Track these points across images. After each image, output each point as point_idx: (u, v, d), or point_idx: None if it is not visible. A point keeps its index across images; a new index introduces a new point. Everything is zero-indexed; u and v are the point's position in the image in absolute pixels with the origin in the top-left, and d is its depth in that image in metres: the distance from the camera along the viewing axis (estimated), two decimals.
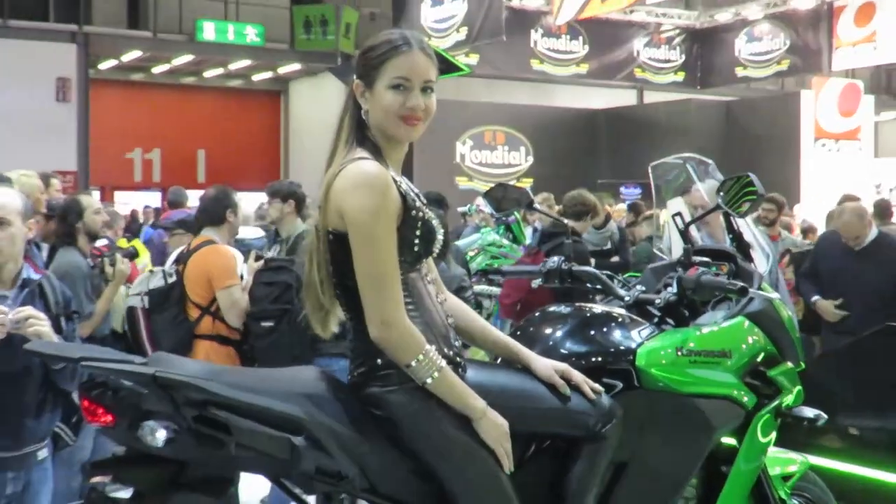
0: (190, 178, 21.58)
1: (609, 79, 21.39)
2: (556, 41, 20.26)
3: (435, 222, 2.51)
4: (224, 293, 5.13)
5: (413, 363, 2.39)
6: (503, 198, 3.47)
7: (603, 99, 21.85)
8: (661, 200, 3.92)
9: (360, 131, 2.52)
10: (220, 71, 22.53)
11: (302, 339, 4.76)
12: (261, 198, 7.89)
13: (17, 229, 3.30)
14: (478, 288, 7.58)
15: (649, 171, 3.87)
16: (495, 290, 8.04)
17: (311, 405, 2.32)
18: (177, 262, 5.40)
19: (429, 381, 2.40)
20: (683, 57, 21.96)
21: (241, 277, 5.20)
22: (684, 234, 3.42)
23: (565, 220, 6.11)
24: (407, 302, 2.44)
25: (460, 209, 9.34)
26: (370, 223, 2.36)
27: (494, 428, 2.43)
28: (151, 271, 5.36)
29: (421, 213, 2.47)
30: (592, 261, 6.50)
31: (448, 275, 5.39)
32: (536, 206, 3.53)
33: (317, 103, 21.85)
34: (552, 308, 3.10)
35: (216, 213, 5.34)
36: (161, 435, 2.22)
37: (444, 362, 2.43)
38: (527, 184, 18.81)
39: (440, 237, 2.54)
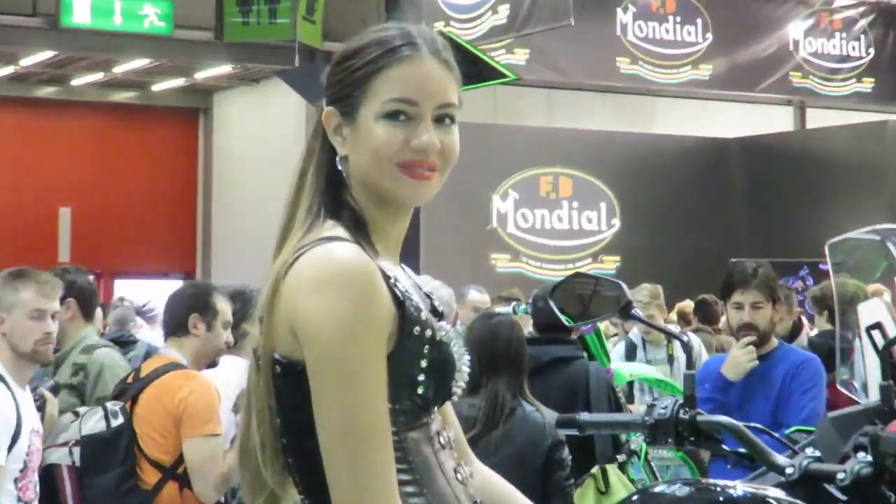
0: (45, 254, 21.60)
1: (749, 89, 21.59)
2: (660, 27, 20.39)
3: (455, 347, 2.57)
4: (196, 443, 5.36)
5: None
6: (590, 297, 3.60)
7: (738, 122, 22.01)
8: (846, 301, 3.92)
9: (332, 192, 2.59)
10: (99, 76, 22.82)
11: None
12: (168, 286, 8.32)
13: None
14: None
15: (826, 250, 3.89)
16: None
17: None
18: (121, 395, 5.63)
19: None
20: (872, 52, 22.13)
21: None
22: (885, 360, 3.44)
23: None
24: (404, 480, 2.48)
25: (500, 309, 9.33)
26: (340, 346, 2.39)
27: None
28: (76, 413, 5.57)
29: (429, 332, 2.52)
30: None
31: (532, 424, 5.61)
32: (636, 312, 3.58)
33: (258, 130, 22.13)
34: (659, 488, 3.13)
35: (175, 318, 5.77)
36: None
37: None
38: (611, 264, 19.10)
39: (465, 369, 2.61)
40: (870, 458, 3.14)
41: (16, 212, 22.96)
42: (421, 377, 2.49)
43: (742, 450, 3.37)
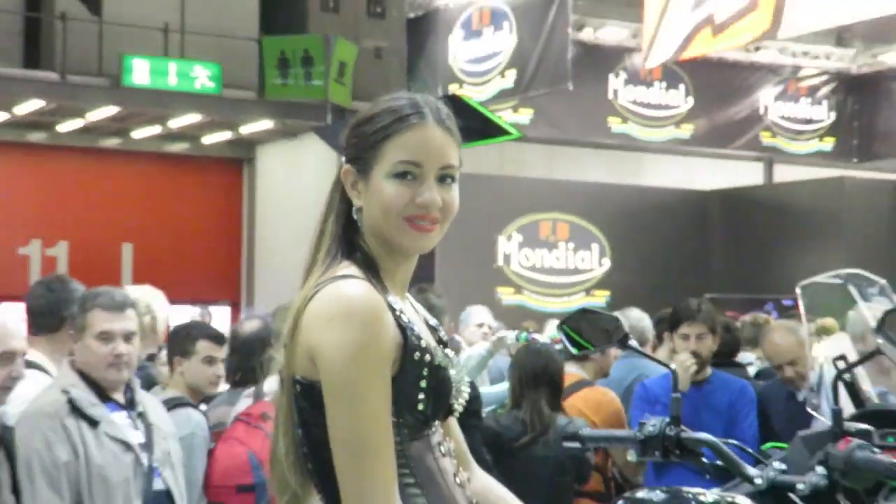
0: (111, 282, 20.39)
1: (723, 146, 21.66)
2: (647, 91, 20.62)
3: (453, 371, 2.61)
4: None
5: None
6: (592, 329, 3.61)
7: (714, 176, 22.02)
8: (819, 336, 3.98)
9: (348, 237, 2.63)
10: (156, 130, 22.78)
11: None
12: (217, 313, 7.67)
13: None
14: None
15: (797, 291, 3.91)
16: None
17: None
18: None
19: None
20: (833, 116, 22.16)
21: None
22: (841, 388, 3.48)
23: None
24: (408, 483, 2.52)
25: (501, 334, 9.45)
26: (348, 370, 2.43)
27: None
28: None
29: (428, 357, 2.54)
30: None
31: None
32: (632, 342, 3.61)
33: (295, 178, 22.09)
34: (641, 494, 3.19)
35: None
36: None
37: None
38: (601, 298, 19.10)
39: (464, 389, 2.66)
40: (825, 471, 3.18)
41: (87, 249, 22.77)
42: (421, 396, 2.52)
43: (719, 462, 3.38)
